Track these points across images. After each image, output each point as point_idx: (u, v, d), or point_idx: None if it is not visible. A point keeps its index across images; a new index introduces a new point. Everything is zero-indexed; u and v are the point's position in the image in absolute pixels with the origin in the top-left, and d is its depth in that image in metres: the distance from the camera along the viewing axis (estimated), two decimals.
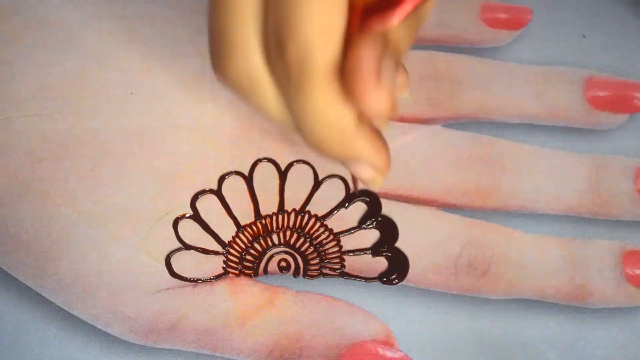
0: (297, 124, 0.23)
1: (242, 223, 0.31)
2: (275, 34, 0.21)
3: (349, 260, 0.31)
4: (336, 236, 0.31)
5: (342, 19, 0.21)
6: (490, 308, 0.30)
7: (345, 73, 0.21)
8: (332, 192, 0.32)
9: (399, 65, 0.23)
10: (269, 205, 0.31)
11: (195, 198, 0.31)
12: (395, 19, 0.21)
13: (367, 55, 0.21)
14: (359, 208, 0.32)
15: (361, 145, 0.23)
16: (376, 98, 0.21)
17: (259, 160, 0.32)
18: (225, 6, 0.22)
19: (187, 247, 0.31)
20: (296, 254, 0.31)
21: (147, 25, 0.34)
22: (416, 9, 0.21)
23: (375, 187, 0.26)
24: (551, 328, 0.30)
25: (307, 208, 0.31)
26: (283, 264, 0.31)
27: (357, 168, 0.24)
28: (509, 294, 0.30)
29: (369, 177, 0.25)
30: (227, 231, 0.31)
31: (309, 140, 0.23)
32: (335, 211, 0.31)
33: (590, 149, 0.33)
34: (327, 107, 0.21)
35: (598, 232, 0.32)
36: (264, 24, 0.22)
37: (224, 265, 0.31)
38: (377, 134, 0.24)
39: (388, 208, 0.31)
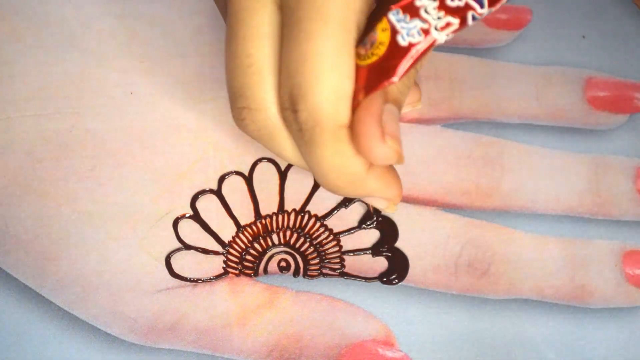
0: (312, 172, 0.25)
1: (242, 223, 0.31)
2: (289, 97, 0.23)
3: (349, 260, 0.31)
4: (336, 236, 0.31)
5: (351, 83, 0.23)
6: (490, 308, 0.30)
7: (353, 131, 0.23)
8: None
9: (399, 111, 0.25)
10: (269, 205, 0.31)
11: (195, 198, 0.31)
12: (396, 78, 0.22)
13: (367, 116, 0.23)
14: (359, 208, 0.32)
15: (372, 186, 0.25)
16: (382, 152, 0.23)
17: (259, 160, 0.32)
18: (244, 70, 0.24)
19: (187, 247, 0.31)
20: (296, 254, 0.31)
21: (147, 25, 0.34)
22: (414, 65, 0.22)
23: (390, 212, 0.30)
24: (551, 328, 0.30)
25: (307, 208, 0.31)
26: (283, 264, 0.31)
27: (370, 200, 0.27)
28: (509, 294, 0.30)
29: (382, 207, 0.28)
30: (227, 231, 0.31)
31: (324, 186, 0.25)
32: (335, 211, 0.31)
33: (590, 149, 0.33)
34: (337, 160, 0.24)
35: (598, 232, 0.32)
36: (280, 86, 0.24)
37: (224, 265, 0.31)
38: (389, 173, 0.26)
39: None
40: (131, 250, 0.30)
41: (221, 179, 0.32)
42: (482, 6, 0.22)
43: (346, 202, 0.31)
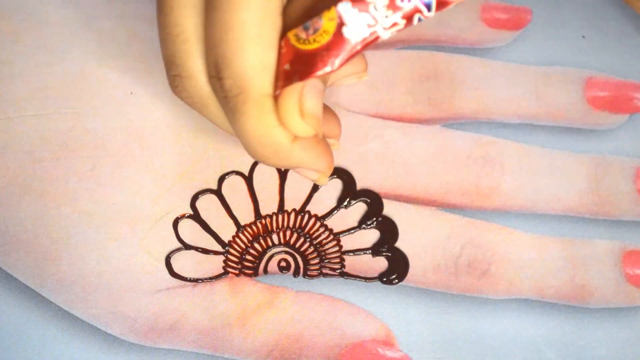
0: (240, 140, 0.25)
1: (242, 223, 0.31)
2: (214, 65, 0.24)
3: (349, 260, 0.31)
4: (336, 236, 0.31)
5: (274, 54, 0.23)
6: (490, 308, 0.30)
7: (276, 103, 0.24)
8: (332, 192, 0.32)
9: (325, 84, 0.25)
10: (269, 205, 0.31)
11: (195, 198, 0.31)
12: (331, 68, 0.23)
13: (287, 91, 0.23)
14: (359, 208, 0.32)
15: (298, 157, 0.25)
16: (299, 127, 0.24)
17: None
18: (173, 38, 0.25)
19: (187, 247, 0.31)
20: (296, 254, 0.31)
21: (147, 25, 0.34)
22: (351, 59, 0.23)
23: (320, 184, 0.30)
24: (551, 328, 0.30)
25: (307, 208, 0.31)
26: (283, 264, 0.31)
27: (300, 172, 0.27)
28: (509, 294, 0.30)
29: (313, 178, 0.27)
30: (227, 231, 0.31)
31: (250, 154, 0.25)
32: (335, 211, 0.31)
33: (590, 149, 0.33)
34: (261, 130, 0.24)
35: (598, 232, 0.32)
36: (206, 55, 0.24)
37: (224, 265, 0.31)
38: (318, 143, 0.26)
39: (388, 208, 0.31)
40: (131, 250, 0.30)
41: (221, 179, 0.32)
42: (429, 10, 0.23)
43: (346, 202, 0.32)
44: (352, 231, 0.31)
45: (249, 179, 0.32)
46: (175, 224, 0.31)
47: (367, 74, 0.29)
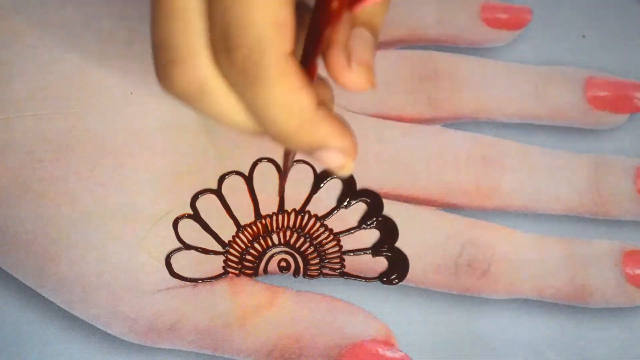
0: (260, 119, 0.23)
1: (242, 223, 0.31)
2: (223, 36, 0.21)
3: (349, 260, 0.31)
4: (336, 236, 0.31)
5: (290, 9, 0.21)
6: (490, 308, 0.30)
7: (310, 59, 0.22)
8: (332, 192, 0.32)
9: (375, 36, 0.23)
10: (269, 205, 0.31)
11: (195, 198, 0.31)
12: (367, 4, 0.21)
13: (333, 41, 0.22)
14: (359, 208, 0.32)
15: (324, 129, 0.23)
16: (350, 78, 0.22)
17: (259, 160, 0.32)
18: (168, 15, 0.22)
19: (187, 247, 0.31)
20: (296, 254, 0.31)
21: (147, 25, 0.34)
22: None
23: (345, 174, 0.27)
24: (551, 328, 0.30)
25: (307, 208, 0.31)
26: (283, 264, 0.31)
27: (325, 156, 0.24)
28: (509, 294, 0.30)
29: (339, 164, 0.24)
30: (227, 231, 0.31)
31: (273, 133, 0.23)
32: (335, 211, 0.31)
33: (590, 149, 0.33)
34: (286, 96, 0.22)
35: (598, 232, 0.32)
36: (211, 29, 0.22)
37: (224, 265, 0.31)
38: (339, 119, 0.24)
39: (388, 208, 0.31)
40: (131, 250, 0.30)
41: (221, 179, 0.32)
42: None
43: (346, 202, 0.31)
44: (352, 231, 0.31)
45: (249, 179, 0.32)
46: (175, 224, 0.31)
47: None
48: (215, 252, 0.31)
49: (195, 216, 0.31)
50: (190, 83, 0.23)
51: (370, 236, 0.31)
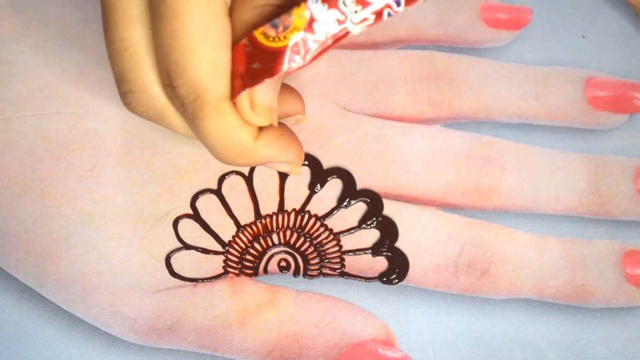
0: (203, 144, 0.25)
1: (242, 223, 0.31)
2: (166, 74, 0.24)
3: (349, 260, 0.31)
4: (336, 236, 0.31)
5: (226, 54, 0.24)
6: (490, 308, 0.30)
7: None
8: (332, 192, 0.32)
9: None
10: (269, 205, 0.31)
11: (195, 198, 0.31)
12: (304, 62, 0.23)
13: (241, 95, 0.24)
14: (359, 208, 0.32)
15: (264, 154, 0.26)
16: (254, 120, 0.24)
17: None
18: (121, 53, 0.25)
19: (187, 247, 0.31)
20: (296, 254, 0.31)
21: None
22: (322, 54, 0.23)
23: (296, 175, 0.30)
24: (551, 328, 0.30)
25: (307, 208, 0.31)
26: (283, 263, 0.31)
27: (272, 166, 0.28)
28: (509, 294, 0.30)
29: (285, 170, 0.28)
30: (227, 231, 0.31)
31: (217, 158, 0.26)
32: (335, 211, 0.31)
33: (590, 149, 0.33)
34: (222, 132, 0.24)
35: (598, 232, 0.32)
36: (157, 66, 0.24)
37: (224, 265, 0.31)
38: (284, 136, 0.26)
39: (388, 208, 0.31)
40: (131, 250, 0.30)
41: (221, 179, 0.32)
42: (398, 5, 0.23)
43: (346, 202, 0.32)
44: (352, 231, 0.31)
45: (249, 179, 0.32)
46: (175, 223, 0.31)
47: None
48: (215, 252, 0.31)
49: (195, 216, 0.31)
50: (148, 109, 0.26)
51: (370, 236, 0.31)
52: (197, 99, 0.24)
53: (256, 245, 0.31)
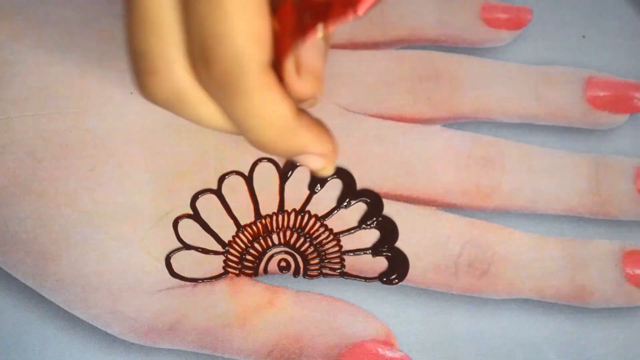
0: (239, 128, 0.23)
1: (242, 223, 0.31)
2: (201, 49, 0.22)
3: (349, 260, 0.31)
4: (336, 236, 0.31)
5: (266, 21, 0.21)
6: (490, 308, 0.30)
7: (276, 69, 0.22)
8: (332, 192, 0.32)
9: (327, 43, 0.23)
10: (269, 205, 0.31)
11: (195, 198, 0.31)
12: (360, 12, 0.21)
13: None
14: (359, 208, 0.32)
15: (304, 136, 0.23)
16: (299, 85, 0.22)
17: (259, 160, 0.32)
18: (144, 26, 0.22)
19: (187, 247, 0.31)
20: (296, 254, 0.31)
21: None
22: (378, 1, 0.21)
23: (326, 175, 0.27)
24: (551, 328, 0.30)
25: (307, 208, 0.31)
26: (283, 264, 0.31)
27: (305, 160, 0.25)
28: (509, 294, 0.30)
29: (319, 167, 0.25)
30: (227, 231, 0.31)
31: (253, 141, 0.23)
32: (335, 211, 0.31)
33: (590, 149, 0.33)
34: (265, 106, 0.22)
35: (598, 232, 0.32)
36: (188, 41, 0.22)
37: (224, 265, 0.31)
38: (319, 124, 0.24)
39: (388, 208, 0.31)
40: (131, 250, 0.30)
41: (221, 179, 0.32)
42: None
43: (346, 202, 0.32)
44: (352, 231, 0.31)
45: (249, 179, 0.32)
46: (175, 224, 0.31)
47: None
48: (215, 252, 0.31)
49: (195, 216, 0.31)
50: (169, 93, 0.23)
51: (370, 236, 0.31)
52: (239, 72, 0.21)
53: (256, 245, 0.31)
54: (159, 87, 0.23)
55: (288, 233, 0.31)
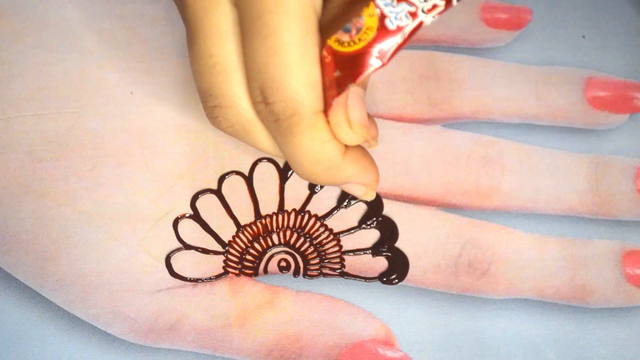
0: (290, 161, 0.25)
1: (242, 223, 0.31)
2: (260, 91, 0.24)
3: (349, 260, 0.31)
4: (336, 236, 0.31)
5: (318, 70, 0.24)
6: (490, 308, 0.30)
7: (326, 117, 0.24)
8: (332, 192, 0.32)
9: (364, 89, 0.26)
10: (269, 205, 0.31)
11: (195, 198, 0.31)
12: (385, 60, 0.23)
13: (336, 106, 0.24)
14: (359, 208, 0.32)
15: (348, 172, 0.26)
16: (349, 138, 0.25)
17: (259, 160, 0.32)
18: (210, 70, 0.25)
19: (187, 247, 0.31)
20: (296, 254, 0.31)
21: (147, 25, 0.34)
22: (400, 48, 0.23)
23: (368, 200, 0.30)
24: (551, 328, 0.30)
25: (307, 208, 0.31)
26: (283, 264, 0.31)
27: (349, 188, 0.28)
28: (509, 294, 0.30)
29: (361, 194, 0.28)
30: (227, 231, 0.31)
31: (302, 175, 0.26)
32: (335, 211, 0.31)
33: (590, 149, 0.33)
34: (314, 147, 0.24)
35: (598, 232, 0.32)
36: (249, 82, 0.24)
37: (224, 265, 0.31)
38: (364, 157, 0.27)
39: (388, 208, 0.31)
40: (131, 250, 0.30)
41: (221, 179, 0.32)
42: None
43: (346, 202, 0.32)
44: (352, 231, 0.31)
45: (249, 179, 0.32)
46: (175, 224, 0.31)
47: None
48: (215, 252, 0.31)
49: (195, 216, 0.31)
50: (235, 125, 0.26)
51: (370, 236, 0.31)
52: (294, 115, 0.24)
53: (256, 245, 0.31)
54: (226, 120, 0.25)
55: (288, 233, 0.31)
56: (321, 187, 0.32)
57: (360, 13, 0.23)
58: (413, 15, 0.23)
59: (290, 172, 0.32)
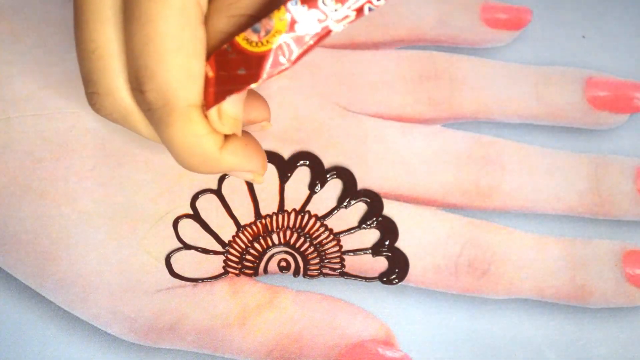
0: (169, 151, 0.25)
1: (242, 223, 0.31)
2: (135, 78, 0.24)
3: (349, 260, 0.31)
4: (336, 236, 0.31)
5: (200, 63, 0.23)
6: (490, 308, 0.30)
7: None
8: (332, 192, 0.32)
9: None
10: (269, 205, 0.31)
11: (195, 198, 0.31)
12: (289, 64, 0.23)
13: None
14: (359, 208, 0.32)
15: (228, 163, 0.26)
16: (219, 126, 0.24)
17: None
18: (89, 55, 0.25)
19: (187, 247, 0.31)
20: (296, 254, 0.31)
21: None
22: (305, 54, 0.23)
23: (257, 183, 0.30)
24: (551, 328, 0.30)
25: (307, 208, 0.31)
26: (283, 263, 0.31)
27: (234, 174, 0.28)
28: (509, 294, 0.30)
29: (248, 179, 0.28)
30: (227, 231, 0.31)
31: (178, 163, 0.25)
32: (335, 211, 0.31)
33: (590, 149, 0.33)
34: (188, 140, 0.24)
35: (598, 232, 0.32)
36: (127, 68, 0.24)
37: (224, 265, 0.31)
38: (248, 145, 0.26)
39: (388, 208, 0.31)
40: (131, 250, 0.30)
41: (221, 179, 0.32)
42: None
43: (346, 202, 0.32)
44: (352, 231, 0.31)
45: None
46: (175, 223, 0.31)
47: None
48: (215, 252, 0.31)
49: (195, 216, 0.31)
50: (113, 112, 0.26)
51: (370, 236, 0.31)
52: (165, 105, 0.23)
53: (256, 245, 0.31)
54: (104, 107, 0.25)
55: (288, 233, 0.31)
56: (321, 187, 0.32)
57: (271, 15, 0.23)
58: (322, 22, 0.23)
59: (290, 173, 0.32)
